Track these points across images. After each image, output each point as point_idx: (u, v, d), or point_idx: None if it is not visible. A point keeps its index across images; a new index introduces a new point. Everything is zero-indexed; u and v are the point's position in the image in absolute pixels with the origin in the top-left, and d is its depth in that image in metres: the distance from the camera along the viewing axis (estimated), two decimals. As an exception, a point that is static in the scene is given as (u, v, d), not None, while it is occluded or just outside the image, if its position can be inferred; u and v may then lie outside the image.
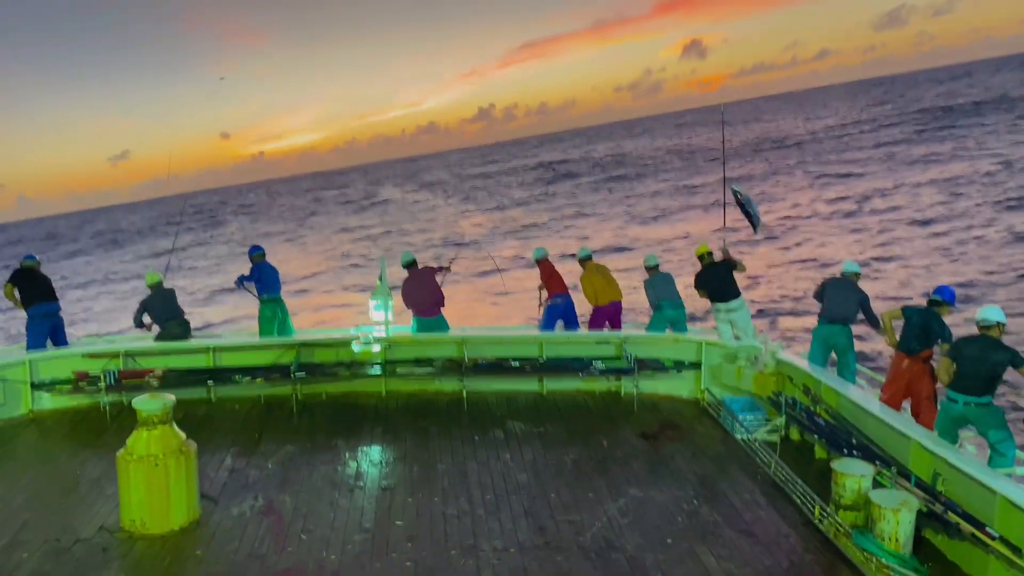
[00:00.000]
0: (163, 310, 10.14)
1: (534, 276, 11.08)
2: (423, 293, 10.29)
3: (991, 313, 6.64)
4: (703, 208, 40.42)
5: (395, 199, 73.83)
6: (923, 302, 7.97)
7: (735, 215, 9.95)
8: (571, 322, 10.54)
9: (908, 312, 7.80)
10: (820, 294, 8.85)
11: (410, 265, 10.47)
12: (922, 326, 7.59)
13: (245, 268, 11.07)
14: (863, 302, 8.59)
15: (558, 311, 10.50)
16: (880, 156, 48.62)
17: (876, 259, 24.75)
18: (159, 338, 10.07)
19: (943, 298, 7.69)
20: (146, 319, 10.17)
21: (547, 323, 10.51)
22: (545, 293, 10.74)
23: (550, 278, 10.71)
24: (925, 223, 28.91)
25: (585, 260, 10.57)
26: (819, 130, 76.74)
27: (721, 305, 9.57)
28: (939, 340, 7.44)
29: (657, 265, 10.36)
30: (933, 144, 49.07)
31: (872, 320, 8.61)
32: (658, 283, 10.16)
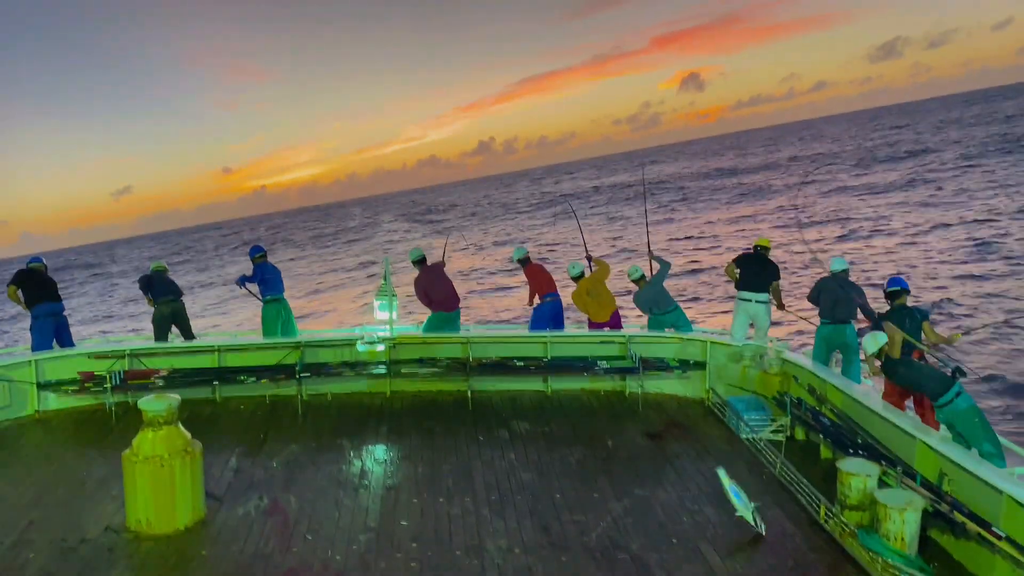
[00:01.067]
0: (163, 287, 10.52)
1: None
2: (446, 287, 10.25)
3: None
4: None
5: (395, 236, 71.26)
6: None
7: None
8: (558, 324, 10.25)
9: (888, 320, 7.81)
10: (816, 296, 8.76)
11: (421, 261, 10.36)
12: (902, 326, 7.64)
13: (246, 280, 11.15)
14: (860, 297, 8.57)
15: (544, 315, 10.22)
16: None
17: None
18: (155, 312, 10.39)
19: (902, 287, 7.78)
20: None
21: (535, 327, 10.18)
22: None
23: (535, 278, 10.45)
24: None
25: (577, 278, 10.15)
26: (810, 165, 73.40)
27: (751, 295, 9.42)
28: (920, 325, 7.51)
29: (643, 276, 9.99)
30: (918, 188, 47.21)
31: (870, 314, 8.58)
32: (646, 294, 9.82)
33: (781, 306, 9.44)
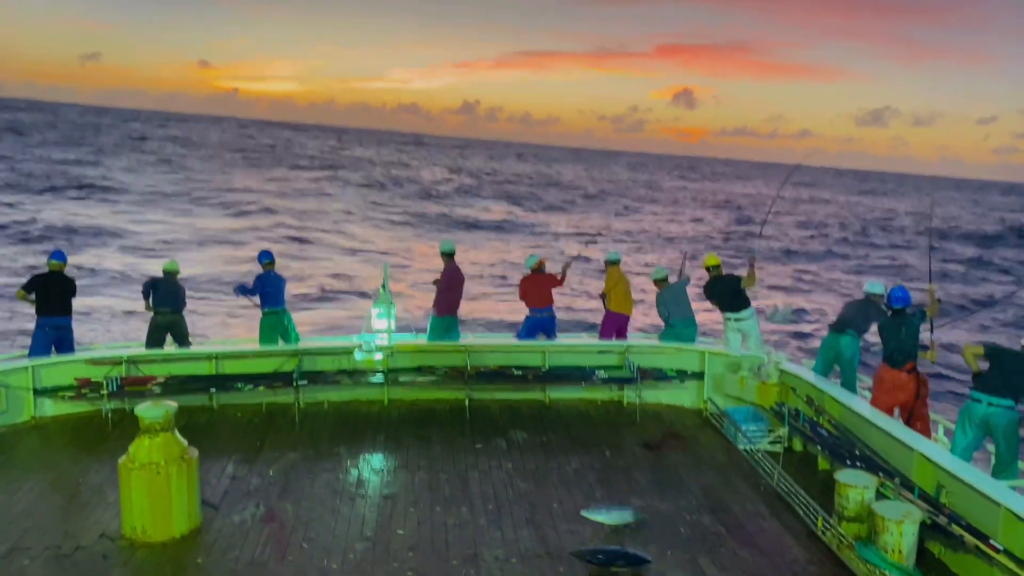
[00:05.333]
0: (164, 296, 10.30)
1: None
2: (459, 292, 10.16)
3: None
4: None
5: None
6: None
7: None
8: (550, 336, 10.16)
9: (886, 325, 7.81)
10: (846, 310, 8.83)
11: (452, 255, 10.20)
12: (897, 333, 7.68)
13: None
14: (877, 320, 8.40)
15: (540, 324, 10.11)
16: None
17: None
18: (151, 321, 10.25)
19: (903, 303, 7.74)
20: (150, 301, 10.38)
21: (525, 334, 10.13)
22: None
23: (527, 293, 10.20)
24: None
25: (614, 263, 10.39)
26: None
27: (731, 315, 9.55)
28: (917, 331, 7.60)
29: (666, 277, 10.07)
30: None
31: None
32: (669, 299, 9.87)
33: (752, 277, 9.47)
